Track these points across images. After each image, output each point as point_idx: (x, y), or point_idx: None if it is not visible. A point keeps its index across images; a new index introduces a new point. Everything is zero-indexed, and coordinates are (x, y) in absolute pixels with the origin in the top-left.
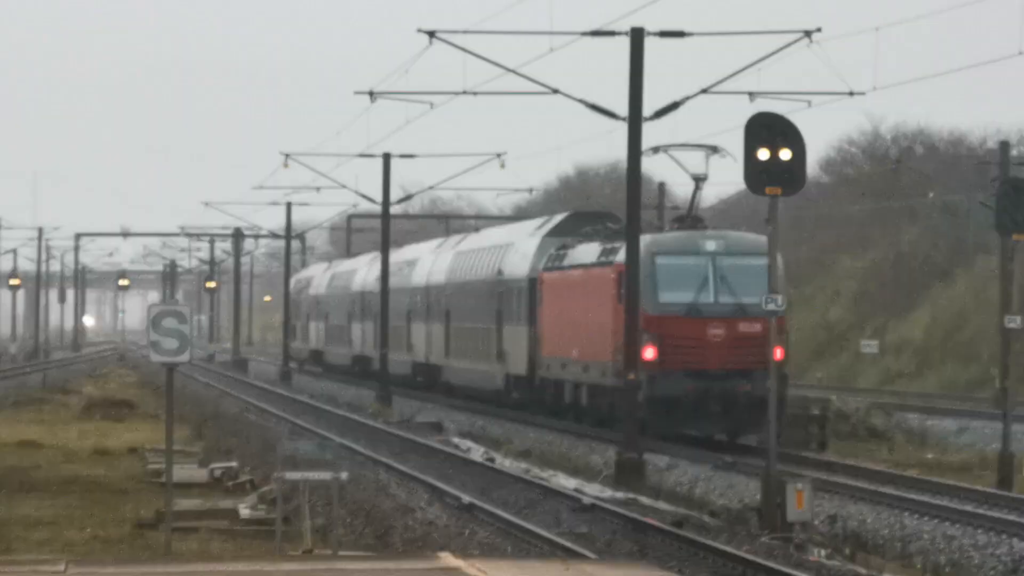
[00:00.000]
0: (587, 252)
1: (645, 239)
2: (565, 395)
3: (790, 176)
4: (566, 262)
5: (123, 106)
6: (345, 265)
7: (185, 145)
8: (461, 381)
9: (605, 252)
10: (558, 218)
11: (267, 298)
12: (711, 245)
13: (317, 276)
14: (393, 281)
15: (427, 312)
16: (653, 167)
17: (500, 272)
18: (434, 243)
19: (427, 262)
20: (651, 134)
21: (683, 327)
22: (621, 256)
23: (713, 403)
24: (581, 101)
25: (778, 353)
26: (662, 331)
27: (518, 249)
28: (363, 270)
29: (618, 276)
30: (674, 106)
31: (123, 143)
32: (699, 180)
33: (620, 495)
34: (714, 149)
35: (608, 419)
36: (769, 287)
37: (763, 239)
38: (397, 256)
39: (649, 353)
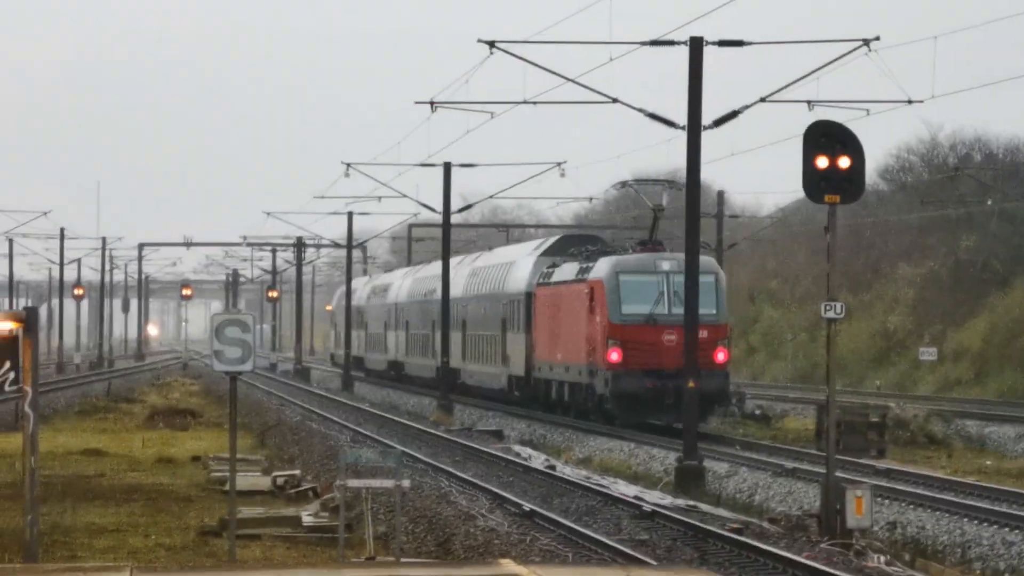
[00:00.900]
0: (568, 270)
1: (611, 260)
2: (553, 392)
3: (849, 184)
4: (553, 278)
5: (185, 117)
6: (382, 279)
7: (247, 155)
8: (474, 382)
9: (581, 270)
10: (551, 240)
11: (328, 307)
12: (665, 265)
13: (358, 289)
14: (421, 293)
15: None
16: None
17: (504, 287)
18: (456, 260)
19: (396, 285)
20: (710, 142)
21: (642, 334)
22: (592, 274)
23: (667, 397)
24: (640, 110)
25: (720, 356)
26: (624, 337)
27: (519, 267)
28: (397, 283)
29: (590, 290)
30: (733, 115)
31: (186, 154)
32: (657, 211)
33: (680, 502)
34: (670, 183)
35: (584, 411)
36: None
37: (710, 259)
38: (426, 271)
39: (614, 356)
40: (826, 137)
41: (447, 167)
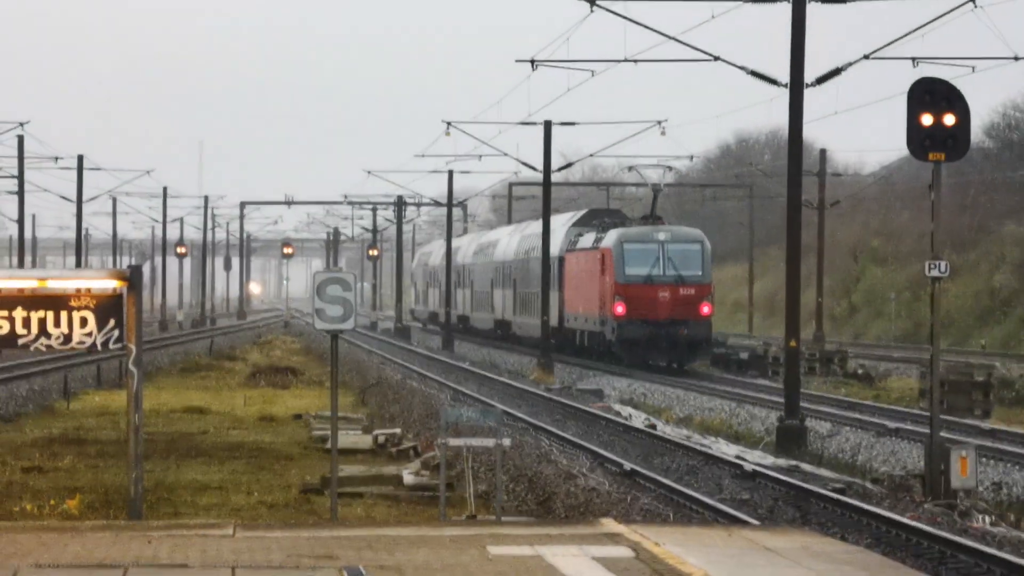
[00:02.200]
0: (588, 240)
1: (618, 231)
2: (576, 339)
3: (954, 142)
4: (577, 246)
5: (286, 75)
6: (488, 236)
7: (348, 114)
8: (522, 332)
9: (596, 240)
10: (580, 213)
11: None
12: (661, 236)
13: (461, 247)
14: (523, 252)
15: (503, 282)
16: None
17: (530, 252)
18: (510, 228)
19: (503, 243)
20: (813, 101)
21: (642, 291)
22: (604, 243)
23: (662, 342)
24: (742, 68)
25: (705, 309)
26: (627, 294)
27: (554, 235)
28: (504, 241)
29: (602, 256)
30: (836, 72)
31: (287, 112)
32: (657, 190)
33: (782, 462)
34: (669, 168)
35: (597, 353)
36: (702, 266)
37: (697, 231)
38: (530, 229)
39: (619, 309)
40: (931, 94)
41: (547, 125)
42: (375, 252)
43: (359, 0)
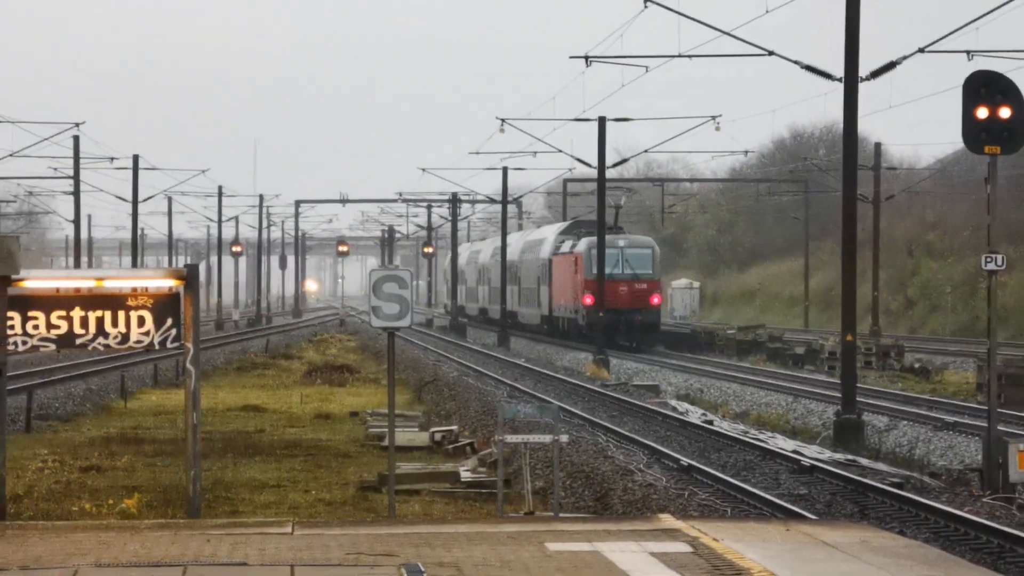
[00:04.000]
0: (567, 246)
1: (587, 240)
2: (560, 325)
3: (1010, 135)
4: (560, 250)
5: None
6: (534, 235)
7: (402, 112)
8: (525, 320)
9: (572, 246)
10: (567, 223)
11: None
12: (621, 243)
13: (484, 249)
14: (532, 254)
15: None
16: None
17: (538, 254)
18: (519, 234)
19: (548, 241)
20: (867, 94)
21: (606, 286)
22: (577, 248)
23: (621, 326)
24: (796, 62)
25: (655, 300)
26: (595, 288)
27: (546, 241)
28: (549, 239)
29: (575, 259)
30: (890, 66)
31: (341, 110)
32: (618, 208)
33: (839, 456)
34: (629, 190)
35: (574, 336)
36: (652, 267)
37: (649, 239)
38: (538, 234)
39: (587, 300)
40: (986, 87)
41: (602, 121)
42: (430, 250)
43: None
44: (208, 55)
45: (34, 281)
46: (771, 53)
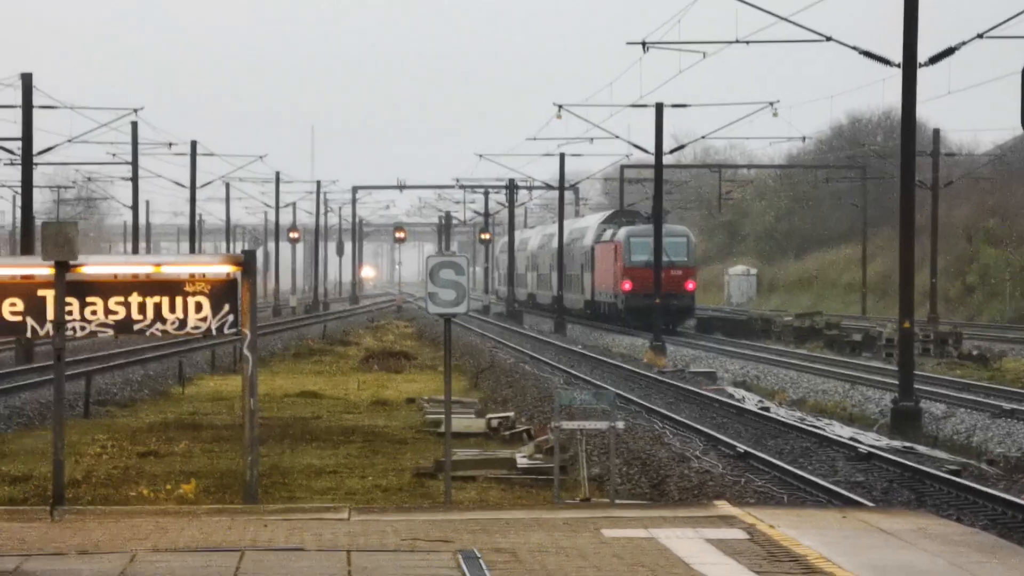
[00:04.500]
0: (608, 235)
1: (626, 229)
2: (600, 309)
3: None
4: (602, 239)
5: (398, 59)
6: (579, 224)
7: (459, 97)
8: (568, 305)
9: (612, 235)
10: (608, 212)
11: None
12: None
13: (532, 237)
14: (576, 242)
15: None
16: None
17: (581, 242)
18: (597, 216)
19: (591, 230)
20: (926, 80)
21: (642, 272)
22: (616, 237)
23: (657, 310)
24: (854, 48)
25: (689, 285)
26: (632, 275)
27: (590, 229)
28: (592, 227)
29: (615, 247)
30: (949, 52)
31: (398, 96)
32: (637, 205)
33: (896, 444)
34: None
35: (614, 319)
36: (687, 254)
37: (684, 228)
38: (582, 223)
39: (626, 286)
40: None
41: (659, 108)
42: (487, 236)
43: None
44: (266, 41)
45: (92, 267)
46: (829, 39)
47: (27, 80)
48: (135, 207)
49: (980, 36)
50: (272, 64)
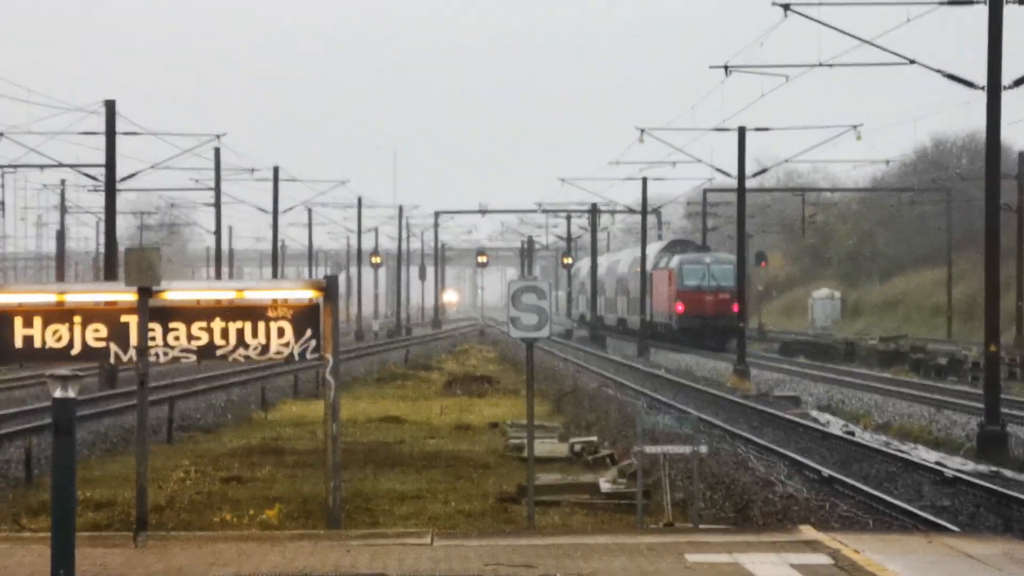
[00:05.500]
0: (663, 262)
1: (679, 256)
2: (658, 329)
3: None
4: (658, 265)
5: (479, 84)
6: (634, 252)
7: (542, 122)
8: (632, 326)
9: (667, 262)
10: (666, 241)
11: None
12: (707, 259)
13: (621, 260)
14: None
15: (621, 290)
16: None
17: (641, 269)
18: (626, 251)
19: (622, 262)
20: (1011, 103)
21: (695, 295)
22: (671, 264)
23: (707, 331)
24: (938, 71)
25: (735, 308)
26: (684, 299)
27: (649, 257)
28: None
29: (669, 273)
30: None
31: (481, 121)
32: (706, 230)
33: (983, 468)
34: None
35: (667, 338)
36: (734, 279)
37: (730, 256)
38: (634, 253)
39: (680, 308)
40: None
41: (741, 131)
42: (569, 260)
43: (553, 9)
44: (347, 66)
45: (175, 292)
46: (912, 62)
47: (110, 107)
48: (218, 233)
49: None
50: (354, 90)
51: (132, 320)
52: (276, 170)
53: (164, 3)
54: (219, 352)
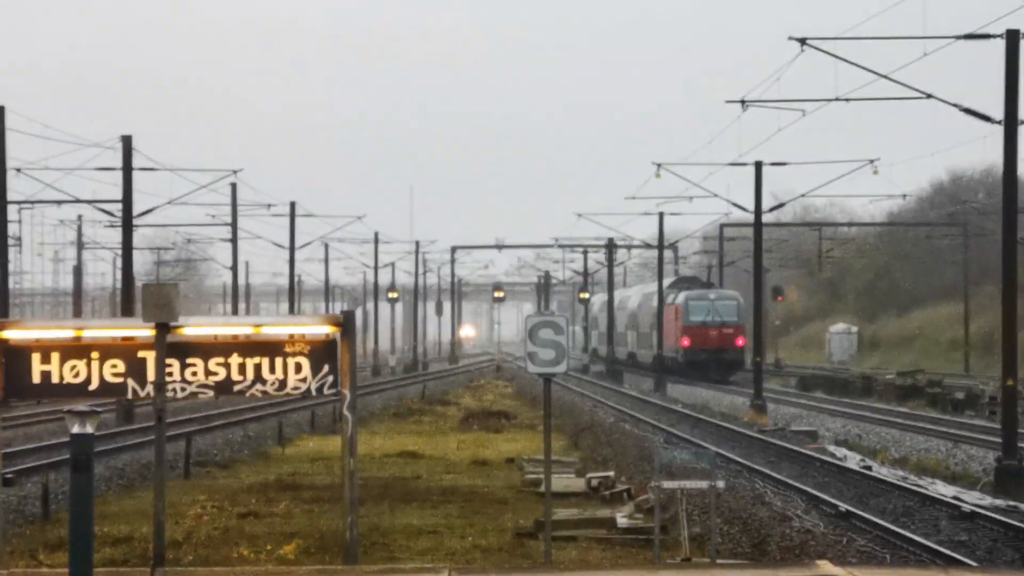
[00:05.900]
0: (671, 298)
1: (685, 293)
2: (665, 362)
3: None
4: (667, 301)
5: (496, 120)
6: (648, 288)
7: (558, 157)
8: (642, 360)
9: (674, 298)
10: (673, 279)
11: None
12: (712, 295)
13: (631, 296)
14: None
15: (632, 325)
16: None
17: (651, 304)
18: (638, 287)
19: (632, 298)
20: None
21: (700, 330)
22: (677, 300)
23: (712, 364)
24: (955, 105)
25: (739, 342)
26: (690, 333)
27: (655, 294)
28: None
29: (676, 309)
30: None
31: (497, 157)
32: (710, 267)
33: (1000, 503)
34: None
35: (674, 371)
36: (737, 314)
37: (735, 292)
38: (643, 290)
39: (686, 342)
40: None
41: (758, 166)
42: (586, 295)
43: (569, 44)
44: (362, 102)
45: (192, 328)
46: (929, 96)
47: (127, 142)
48: (234, 268)
49: None
50: (371, 125)
51: (150, 356)
52: (293, 205)
53: (181, 41)
54: (237, 387)
